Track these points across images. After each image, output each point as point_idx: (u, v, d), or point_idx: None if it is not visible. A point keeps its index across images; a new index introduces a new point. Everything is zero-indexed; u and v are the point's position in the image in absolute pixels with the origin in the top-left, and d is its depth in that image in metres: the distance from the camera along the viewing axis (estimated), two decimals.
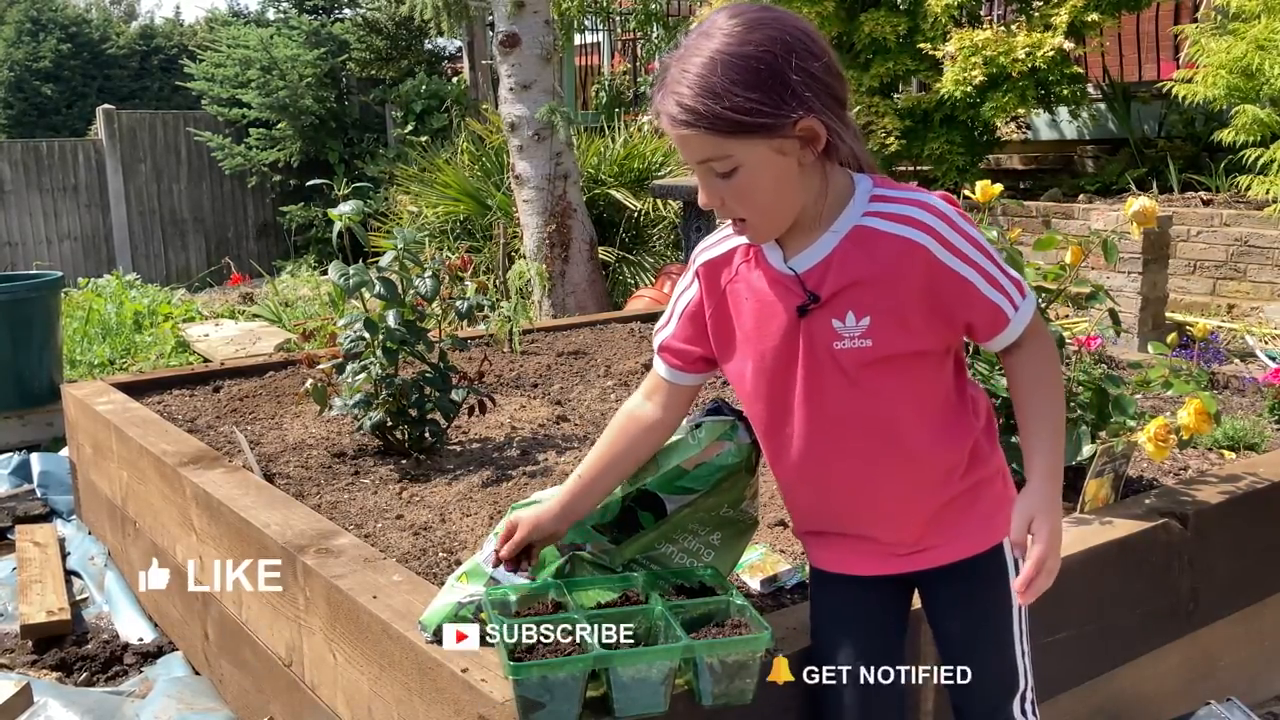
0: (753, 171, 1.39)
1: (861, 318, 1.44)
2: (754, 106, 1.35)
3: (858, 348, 1.45)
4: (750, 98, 1.35)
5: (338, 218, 2.89)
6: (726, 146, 1.38)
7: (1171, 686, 2.38)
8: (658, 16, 10.57)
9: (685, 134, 1.39)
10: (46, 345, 5.02)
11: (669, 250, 7.42)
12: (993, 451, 1.60)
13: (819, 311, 1.46)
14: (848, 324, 1.45)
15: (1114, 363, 3.57)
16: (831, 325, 1.46)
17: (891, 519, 1.58)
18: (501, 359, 4.08)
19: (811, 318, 1.47)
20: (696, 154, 1.41)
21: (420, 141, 10.77)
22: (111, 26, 16.98)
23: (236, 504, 2.42)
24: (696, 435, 1.70)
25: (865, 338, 1.45)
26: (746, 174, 1.40)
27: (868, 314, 1.44)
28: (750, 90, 1.35)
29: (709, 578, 1.72)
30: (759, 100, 1.35)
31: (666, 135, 1.45)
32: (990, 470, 1.59)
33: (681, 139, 1.40)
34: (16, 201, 11.49)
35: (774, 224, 1.46)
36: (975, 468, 1.57)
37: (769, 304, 1.51)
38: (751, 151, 1.38)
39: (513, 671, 1.46)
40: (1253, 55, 6.03)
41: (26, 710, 2.47)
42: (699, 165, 1.42)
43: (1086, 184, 7.68)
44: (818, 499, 1.62)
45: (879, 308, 1.44)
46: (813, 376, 1.50)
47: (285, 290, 8.40)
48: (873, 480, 1.55)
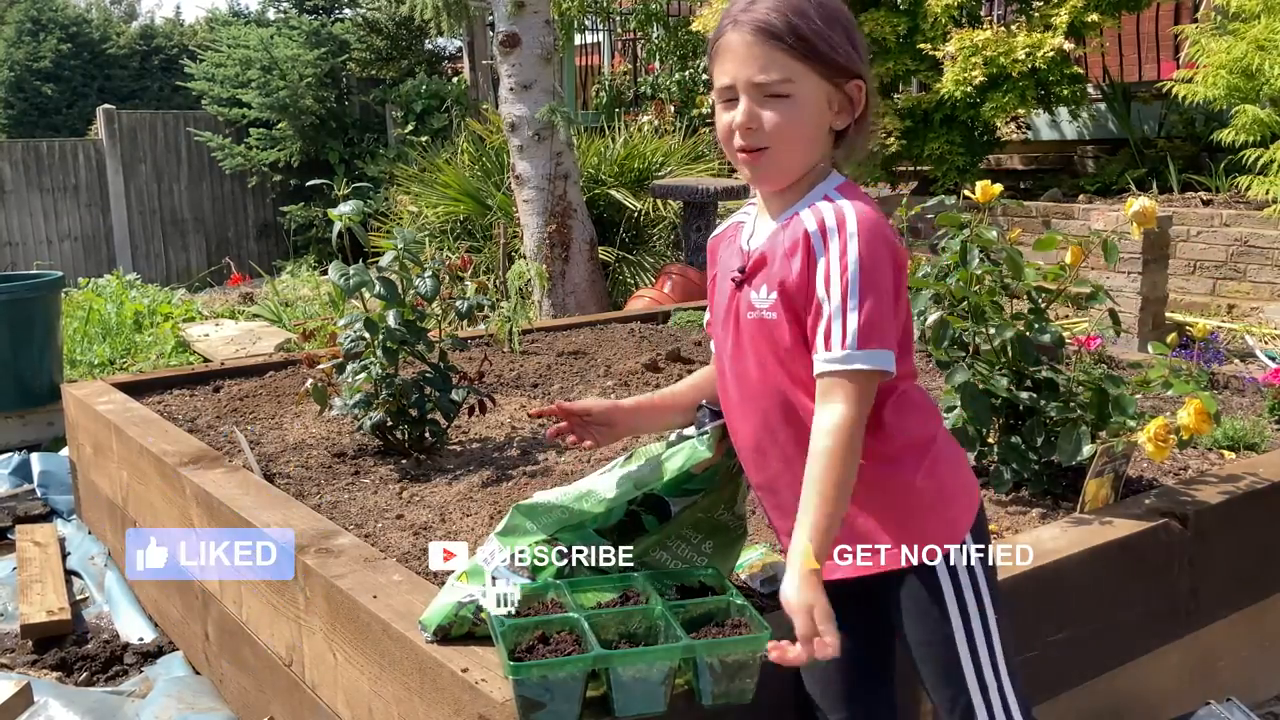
0: (800, 106, 1.46)
1: (770, 292, 1.51)
2: (835, 41, 1.46)
3: (765, 318, 1.51)
4: (833, 33, 1.46)
5: (338, 218, 2.90)
6: (794, 70, 1.44)
7: (1171, 686, 2.38)
8: (658, 16, 10.57)
9: (761, 47, 1.44)
10: (47, 345, 5.02)
11: (669, 250, 7.42)
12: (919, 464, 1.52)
13: (746, 284, 1.55)
14: (760, 295, 1.52)
15: (1114, 363, 3.58)
16: (750, 298, 1.54)
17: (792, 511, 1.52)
18: (501, 359, 4.08)
19: (742, 289, 1.56)
20: (761, 70, 1.44)
21: (420, 141, 10.77)
22: (112, 26, 16.98)
23: (236, 504, 2.42)
24: (703, 440, 1.70)
25: (771, 310, 1.51)
26: (794, 106, 1.46)
27: (773, 290, 1.50)
28: (832, 27, 1.46)
29: (709, 578, 1.72)
30: (839, 39, 1.46)
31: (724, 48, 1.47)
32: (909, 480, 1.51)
33: (751, 52, 1.45)
34: (17, 201, 11.49)
35: (786, 168, 1.50)
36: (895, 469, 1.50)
37: (726, 274, 1.61)
38: (810, 86, 1.46)
39: (513, 671, 1.46)
40: (1253, 55, 6.03)
41: (27, 710, 2.47)
42: (752, 86, 1.45)
43: (1086, 184, 7.68)
44: (753, 475, 1.63)
45: (779, 283, 1.49)
46: (737, 345, 1.58)
47: (285, 290, 8.41)
48: (778, 459, 1.55)
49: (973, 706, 1.49)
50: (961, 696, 1.49)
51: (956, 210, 2.52)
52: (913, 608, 1.52)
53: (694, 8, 10.17)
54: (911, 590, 1.51)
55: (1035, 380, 2.45)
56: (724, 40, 1.48)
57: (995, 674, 1.50)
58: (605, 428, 1.74)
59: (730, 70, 1.47)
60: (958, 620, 1.50)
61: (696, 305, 5.13)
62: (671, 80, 10.14)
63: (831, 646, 1.33)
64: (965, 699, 1.49)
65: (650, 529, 1.81)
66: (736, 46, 1.46)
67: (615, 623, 1.59)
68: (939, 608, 1.50)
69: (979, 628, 1.50)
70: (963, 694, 1.49)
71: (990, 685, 1.50)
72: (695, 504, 1.79)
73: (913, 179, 8.29)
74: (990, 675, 1.50)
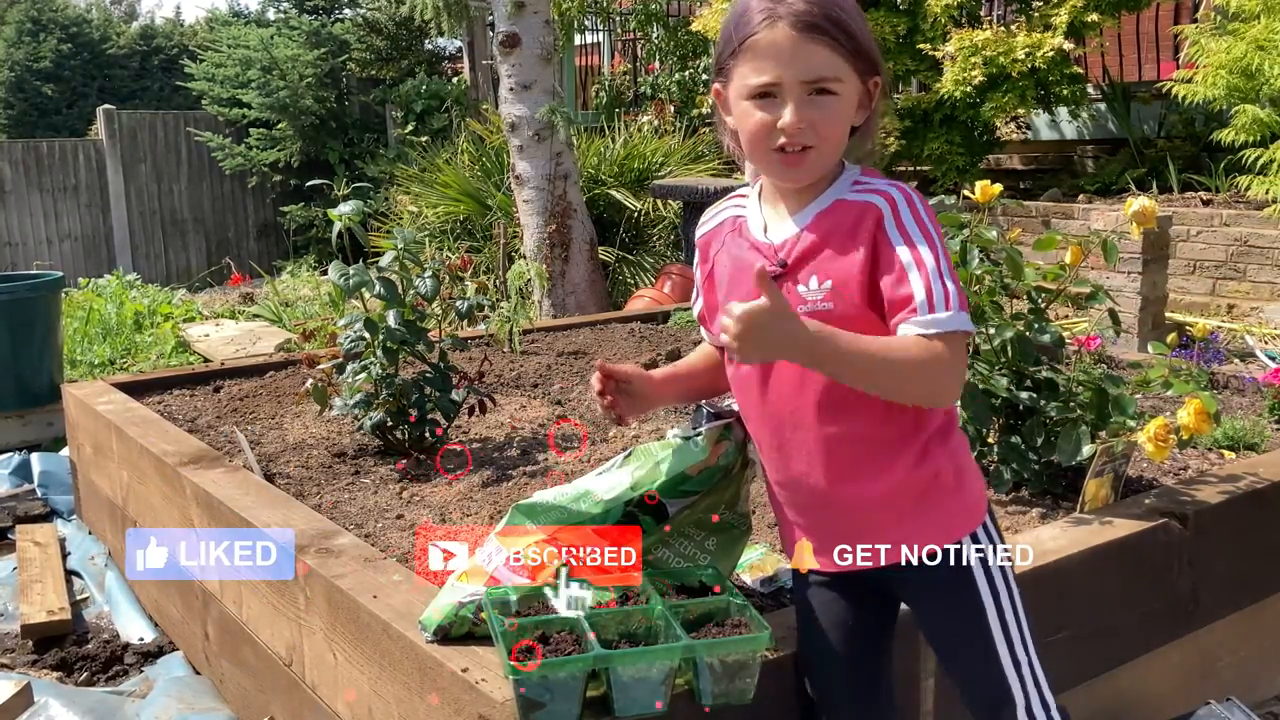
0: (843, 103, 1.45)
1: (824, 281, 1.46)
2: (869, 36, 1.45)
3: (819, 310, 1.45)
4: (868, 33, 1.46)
5: (338, 218, 2.90)
6: (841, 67, 1.43)
7: (1171, 686, 2.38)
8: (658, 16, 10.57)
9: (810, 44, 1.41)
10: (47, 345, 5.02)
11: (669, 250, 7.41)
12: (943, 456, 1.53)
13: (786, 279, 1.48)
14: (810, 287, 1.46)
15: (1114, 363, 3.58)
16: (797, 291, 1.47)
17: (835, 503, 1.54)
18: (501, 359, 4.08)
19: (781, 285, 1.46)
20: (812, 68, 1.42)
21: (420, 142, 10.77)
22: (112, 26, 16.96)
23: (236, 504, 2.42)
24: (697, 443, 1.70)
25: (826, 300, 1.45)
26: (839, 103, 1.45)
27: (829, 278, 1.46)
28: (862, 22, 1.46)
29: (709, 577, 1.72)
30: (869, 34, 1.46)
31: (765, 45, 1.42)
32: (933, 473, 1.52)
33: (798, 49, 1.41)
34: (17, 201, 11.49)
35: (825, 166, 1.49)
36: (920, 465, 1.51)
37: (744, 269, 1.53)
38: (850, 83, 1.45)
39: (513, 671, 1.46)
40: (1252, 55, 6.03)
41: (27, 710, 2.47)
42: (801, 84, 1.42)
43: (1086, 184, 7.68)
44: (780, 472, 1.59)
45: (837, 270, 1.45)
46: None
47: (285, 290, 8.41)
48: (803, 458, 1.53)
49: (1011, 695, 1.49)
50: (1000, 685, 1.49)
51: (956, 210, 2.52)
52: (941, 600, 1.52)
53: (694, 8, 10.18)
54: (939, 581, 1.51)
55: (1035, 380, 2.45)
56: (760, 37, 1.41)
57: (1030, 664, 1.51)
58: (635, 399, 1.69)
59: (772, 69, 1.41)
60: (992, 610, 1.50)
61: None
62: (671, 80, 10.14)
63: (727, 334, 1.33)
64: (1004, 687, 1.49)
65: (648, 529, 1.81)
66: (780, 42, 1.40)
67: (615, 623, 1.59)
68: (971, 597, 1.49)
69: (1012, 617, 1.51)
70: (1001, 682, 1.49)
71: (1027, 675, 1.50)
72: (694, 505, 1.79)
73: (912, 179, 8.28)
74: (1026, 667, 1.50)
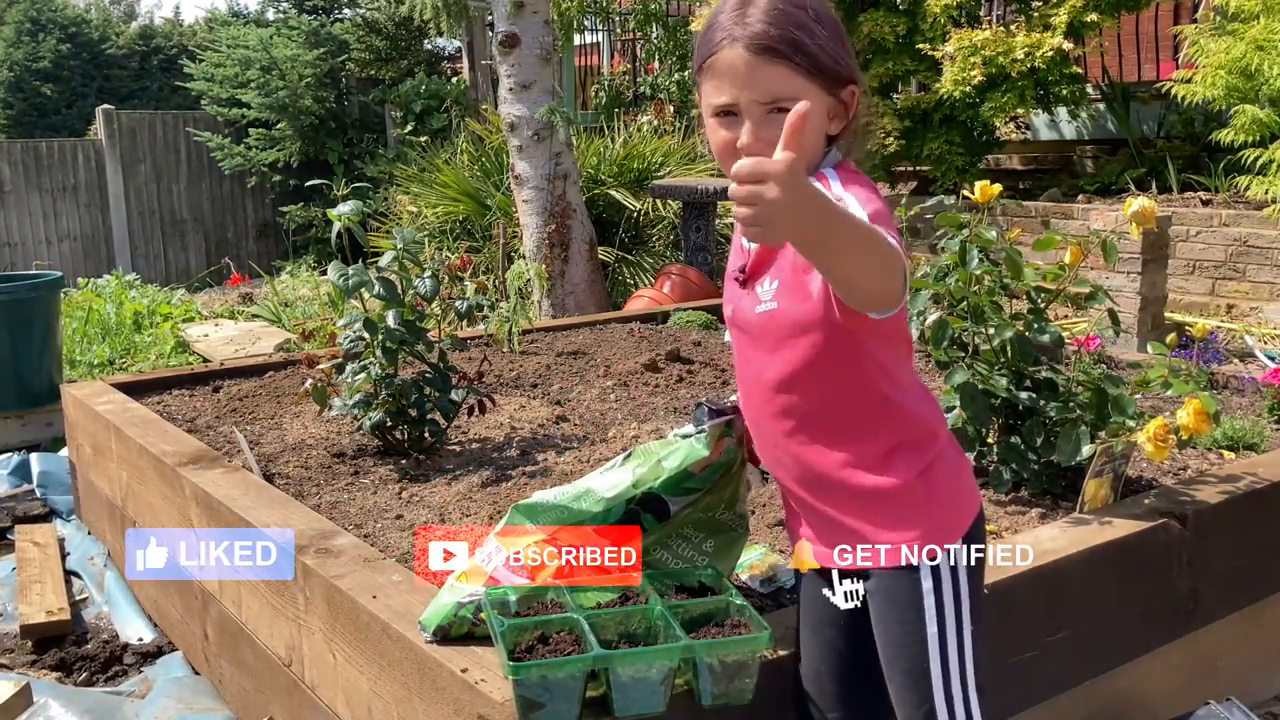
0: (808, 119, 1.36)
1: (773, 281, 1.47)
2: (835, 51, 1.41)
3: (768, 310, 1.47)
4: (832, 42, 1.40)
5: (337, 218, 2.90)
6: (799, 87, 1.38)
7: (1171, 686, 2.38)
8: (658, 16, 10.57)
9: (766, 67, 1.37)
10: (46, 345, 5.02)
11: (668, 250, 7.41)
12: (911, 466, 1.48)
13: (750, 280, 1.51)
14: (764, 288, 1.48)
15: (1113, 363, 3.58)
16: (756, 293, 1.50)
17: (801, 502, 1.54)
18: (501, 359, 4.08)
19: (747, 286, 1.52)
20: (768, 89, 1.38)
21: (420, 142, 10.77)
22: (111, 26, 16.96)
23: (236, 504, 2.42)
24: (701, 439, 1.70)
25: (773, 300, 1.46)
26: None
27: (776, 278, 1.46)
28: (831, 35, 1.40)
29: (708, 578, 1.72)
30: (837, 47, 1.41)
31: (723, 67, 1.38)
32: (900, 482, 1.46)
33: (754, 72, 1.37)
34: (16, 201, 11.49)
35: None
36: (886, 469, 1.47)
37: (731, 274, 1.58)
38: (814, 100, 1.38)
39: (513, 671, 1.46)
40: (1252, 55, 6.03)
41: (26, 710, 2.47)
42: (757, 105, 1.39)
43: (1086, 184, 7.68)
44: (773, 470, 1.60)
45: (780, 269, 1.46)
46: (747, 341, 1.54)
47: (285, 290, 8.41)
48: (788, 451, 1.52)
49: (935, 710, 1.44)
50: (924, 704, 1.45)
51: (956, 210, 2.52)
52: (889, 607, 1.48)
53: (693, 8, 10.17)
54: (890, 588, 1.47)
55: (1035, 380, 2.45)
56: (719, 57, 1.39)
57: (963, 687, 1.45)
58: None
59: (729, 90, 1.39)
60: (934, 625, 1.45)
61: (696, 305, 5.13)
62: (671, 80, 10.14)
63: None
64: (928, 707, 1.45)
65: (649, 528, 1.81)
66: (736, 64, 1.38)
67: (615, 623, 1.59)
68: (916, 610, 1.45)
69: (953, 637, 1.45)
70: (925, 702, 1.45)
71: (956, 697, 1.45)
72: (695, 503, 1.79)
73: (912, 179, 8.30)
74: (958, 687, 1.45)
